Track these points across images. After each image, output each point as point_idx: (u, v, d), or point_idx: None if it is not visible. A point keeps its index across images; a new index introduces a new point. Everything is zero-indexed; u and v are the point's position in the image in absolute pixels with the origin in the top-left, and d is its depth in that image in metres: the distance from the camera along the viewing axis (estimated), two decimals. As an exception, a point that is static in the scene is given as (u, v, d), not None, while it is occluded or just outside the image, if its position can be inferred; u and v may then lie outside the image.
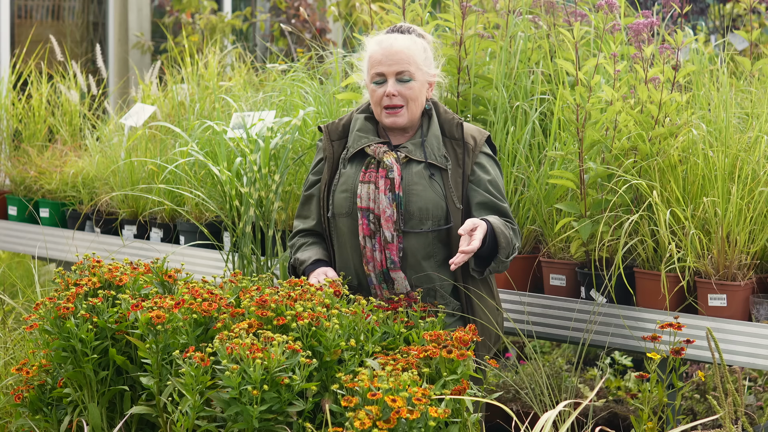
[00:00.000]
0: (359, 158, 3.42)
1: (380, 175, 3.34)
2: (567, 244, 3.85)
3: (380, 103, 3.38)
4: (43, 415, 3.20)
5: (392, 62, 3.35)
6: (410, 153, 3.38)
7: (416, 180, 3.35)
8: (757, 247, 3.54)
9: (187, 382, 2.81)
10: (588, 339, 3.66)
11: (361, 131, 3.43)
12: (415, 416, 2.61)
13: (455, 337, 2.95)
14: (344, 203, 3.37)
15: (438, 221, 3.34)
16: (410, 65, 3.35)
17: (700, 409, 4.58)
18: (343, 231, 3.39)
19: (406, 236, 3.33)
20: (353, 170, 3.40)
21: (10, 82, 5.82)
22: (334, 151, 3.46)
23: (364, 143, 3.40)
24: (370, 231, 3.33)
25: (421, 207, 3.33)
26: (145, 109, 5.29)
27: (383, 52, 3.37)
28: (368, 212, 3.33)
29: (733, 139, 3.66)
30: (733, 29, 6.55)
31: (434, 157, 3.38)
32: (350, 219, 3.37)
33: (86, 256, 3.43)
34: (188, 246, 4.61)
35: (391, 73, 3.35)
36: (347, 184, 3.39)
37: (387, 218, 3.30)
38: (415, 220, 3.33)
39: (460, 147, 3.39)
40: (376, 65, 3.37)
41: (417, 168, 3.37)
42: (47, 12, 8.92)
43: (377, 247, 3.33)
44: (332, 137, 3.48)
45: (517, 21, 4.30)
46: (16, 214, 5.46)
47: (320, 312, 2.93)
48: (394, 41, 3.38)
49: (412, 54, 3.37)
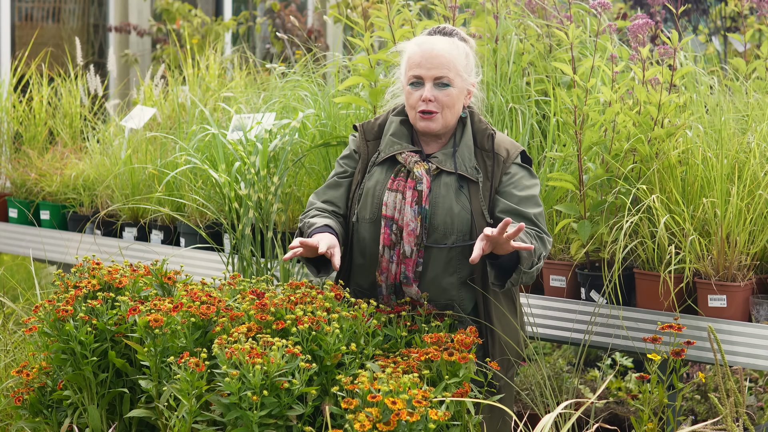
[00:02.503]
0: (389, 163, 3.31)
1: (408, 186, 3.23)
2: (567, 246, 3.85)
3: (415, 107, 3.25)
4: (43, 417, 3.21)
5: (431, 66, 3.21)
6: (441, 164, 3.26)
7: (444, 192, 3.23)
8: (757, 247, 3.54)
9: (183, 387, 2.80)
10: (588, 340, 3.66)
11: (395, 136, 3.31)
12: (415, 419, 2.60)
13: (456, 340, 2.95)
14: (369, 208, 3.27)
15: (463, 236, 3.22)
16: (450, 71, 3.22)
17: (700, 410, 4.57)
18: (364, 236, 3.28)
19: (427, 250, 3.22)
20: (382, 175, 3.29)
21: (11, 84, 5.82)
22: (369, 152, 3.36)
23: (396, 150, 3.29)
24: (390, 241, 3.22)
25: (446, 221, 3.20)
26: (145, 111, 5.29)
27: (423, 54, 3.23)
28: (392, 222, 3.22)
29: (732, 141, 3.66)
30: (734, 29, 6.54)
31: (465, 168, 3.25)
32: (373, 225, 3.26)
33: (86, 259, 3.43)
34: (189, 248, 4.62)
35: (430, 77, 3.21)
36: (374, 189, 3.28)
37: (409, 232, 3.20)
38: (439, 234, 3.22)
39: (490, 159, 3.26)
40: (415, 67, 3.23)
41: (447, 179, 3.25)
42: (48, 14, 8.92)
43: (395, 259, 3.22)
44: (367, 137, 3.37)
45: (507, 22, 4.30)
46: (17, 217, 5.46)
47: (320, 316, 2.93)
48: (435, 44, 3.24)
49: (452, 59, 3.23)
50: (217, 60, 5.75)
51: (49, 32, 8.86)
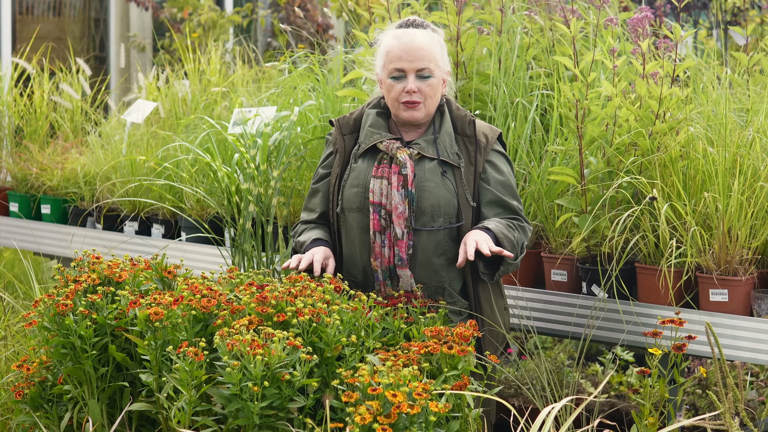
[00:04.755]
0: (371, 154, 3.39)
1: (393, 171, 3.30)
2: (568, 240, 3.85)
3: (398, 99, 3.33)
4: (43, 411, 3.20)
5: (413, 58, 3.30)
6: (423, 150, 3.35)
7: (428, 177, 3.32)
8: (759, 242, 3.54)
9: (182, 377, 2.81)
10: (590, 335, 3.66)
11: (373, 127, 3.39)
12: (416, 411, 2.61)
13: (456, 333, 2.95)
14: (355, 198, 3.35)
15: (449, 219, 3.32)
16: (430, 62, 3.31)
17: (702, 404, 4.57)
18: (353, 226, 3.36)
19: (416, 233, 3.30)
20: (365, 165, 3.37)
21: (12, 78, 5.82)
22: (345, 146, 3.43)
23: (376, 139, 3.37)
24: (380, 227, 3.30)
25: (432, 204, 3.30)
26: (146, 105, 5.29)
27: (403, 47, 3.32)
28: (380, 207, 3.30)
29: (733, 135, 3.65)
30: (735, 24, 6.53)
31: (447, 154, 3.35)
32: (360, 214, 3.34)
33: (86, 253, 3.43)
34: (190, 243, 4.61)
35: (412, 69, 3.30)
36: (358, 179, 3.36)
37: (399, 215, 3.28)
38: (427, 217, 3.31)
39: (472, 144, 3.36)
40: (395, 60, 3.32)
41: (429, 165, 3.34)
42: (48, 8, 8.91)
43: (386, 243, 3.30)
44: (343, 131, 3.45)
45: (513, 17, 4.29)
46: (18, 211, 5.46)
47: (321, 308, 2.93)
48: (414, 37, 3.33)
49: (431, 50, 3.32)
50: (218, 53, 5.74)
51: (49, 26, 8.86)
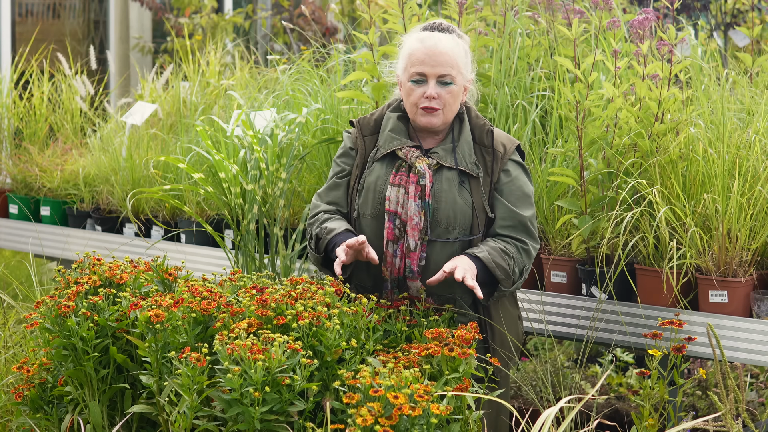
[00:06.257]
0: (389, 159, 3.32)
1: (411, 181, 3.24)
2: (568, 241, 3.85)
3: (417, 104, 3.26)
4: (43, 413, 3.21)
5: (436, 63, 3.22)
6: (441, 159, 3.27)
7: (446, 187, 3.25)
8: (758, 243, 3.54)
9: (184, 382, 2.80)
10: (593, 336, 3.66)
11: (394, 132, 3.32)
12: (417, 413, 2.60)
13: (457, 335, 2.95)
14: (371, 204, 3.28)
15: (465, 230, 3.25)
16: (453, 68, 3.23)
17: (701, 405, 4.57)
18: (366, 232, 3.28)
19: (430, 244, 3.24)
20: (383, 171, 3.30)
21: (12, 80, 5.82)
22: (366, 147, 3.36)
23: (396, 145, 3.30)
24: (394, 236, 3.24)
25: (449, 216, 3.23)
26: (146, 107, 5.29)
27: (426, 51, 3.23)
28: (395, 216, 3.24)
29: (733, 136, 3.65)
30: (734, 26, 6.54)
31: (465, 164, 3.28)
32: (375, 221, 3.28)
33: (86, 255, 3.43)
34: (190, 244, 4.61)
35: (434, 74, 3.22)
36: (376, 184, 3.29)
37: (413, 226, 3.22)
38: (442, 228, 3.24)
39: (490, 155, 3.29)
40: (418, 64, 3.23)
41: (448, 174, 3.27)
42: (48, 10, 8.91)
43: (398, 253, 3.24)
44: (364, 133, 3.38)
45: (515, 19, 4.29)
46: (18, 213, 5.46)
47: (321, 311, 2.93)
48: (438, 41, 3.24)
49: (455, 57, 3.24)
50: (218, 56, 5.74)
51: (49, 28, 8.85)
